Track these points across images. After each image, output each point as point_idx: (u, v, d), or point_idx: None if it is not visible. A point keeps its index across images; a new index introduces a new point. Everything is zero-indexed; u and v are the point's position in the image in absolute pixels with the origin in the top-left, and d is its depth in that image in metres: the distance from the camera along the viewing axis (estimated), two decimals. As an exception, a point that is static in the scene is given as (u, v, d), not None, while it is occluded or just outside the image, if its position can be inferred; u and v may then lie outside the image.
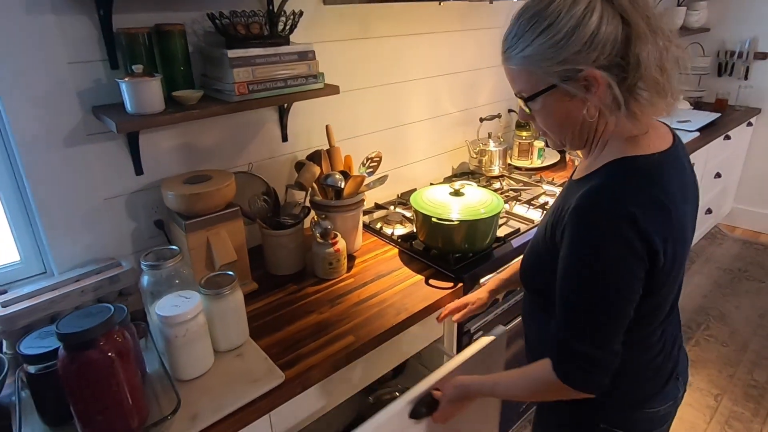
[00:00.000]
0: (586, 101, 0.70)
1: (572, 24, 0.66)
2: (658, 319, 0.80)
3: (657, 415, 0.86)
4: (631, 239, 0.67)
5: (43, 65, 0.99)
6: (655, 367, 0.83)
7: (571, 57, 0.67)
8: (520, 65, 0.73)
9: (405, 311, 1.13)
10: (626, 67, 0.67)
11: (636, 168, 0.71)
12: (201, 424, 0.83)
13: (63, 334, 0.71)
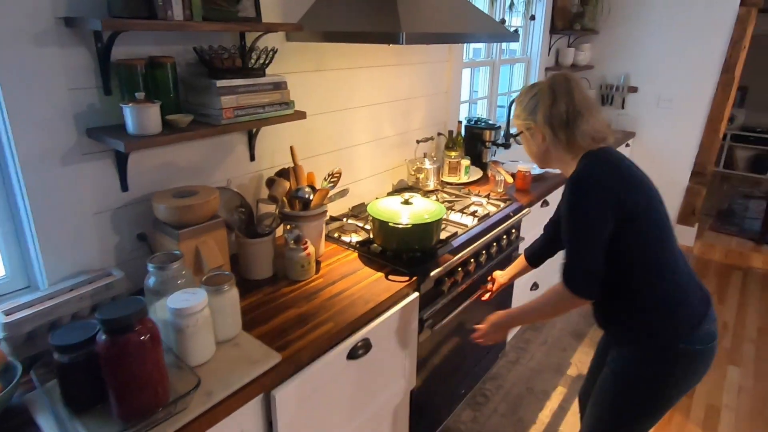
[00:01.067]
0: (535, 140, 1.25)
1: (527, 101, 1.24)
2: (670, 254, 1.15)
3: (713, 330, 1.17)
4: (602, 194, 1.10)
5: (47, 91, 1.09)
6: (695, 291, 1.17)
7: (527, 116, 1.24)
8: (514, 117, 1.31)
9: (372, 300, 1.34)
10: (556, 123, 1.20)
11: (593, 155, 1.18)
12: (216, 398, 0.97)
13: (106, 319, 0.84)
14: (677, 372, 1.16)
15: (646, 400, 1.20)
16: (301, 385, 1.14)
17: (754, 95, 5.72)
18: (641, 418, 1.24)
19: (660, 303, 1.15)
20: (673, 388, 1.18)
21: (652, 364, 1.17)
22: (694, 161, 3.51)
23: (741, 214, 4.61)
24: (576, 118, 1.17)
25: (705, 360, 1.17)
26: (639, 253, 1.14)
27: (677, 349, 1.14)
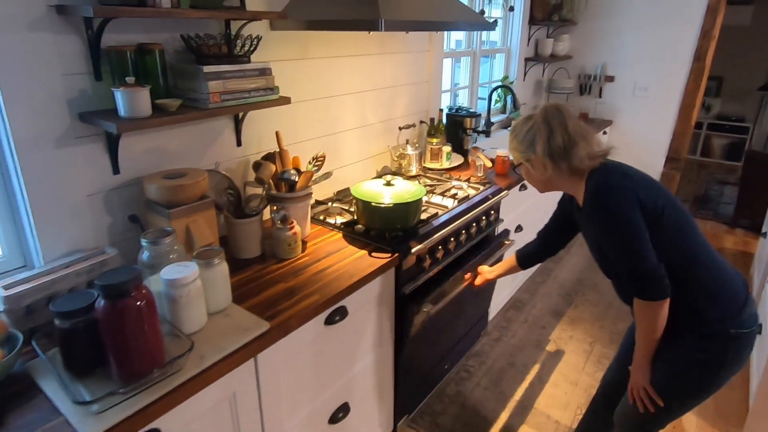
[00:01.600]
0: (536, 170, 1.30)
1: (522, 135, 1.29)
2: (700, 247, 1.21)
3: (754, 312, 1.22)
4: (621, 195, 1.16)
5: (41, 76, 1.14)
6: (736, 281, 1.23)
7: (525, 149, 1.29)
8: (510, 151, 1.36)
9: (357, 274, 1.42)
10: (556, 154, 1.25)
11: (601, 170, 1.24)
12: (208, 361, 1.04)
13: (105, 285, 0.90)
14: (729, 355, 1.20)
15: (701, 382, 1.24)
16: (281, 348, 1.21)
17: (729, 85, 5.90)
18: (694, 400, 1.28)
19: (703, 292, 1.20)
20: (725, 369, 1.22)
21: (707, 350, 1.21)
22: (669, 147, 3.63)
23: (716, 199, 4.77)
24: (573, 147, 1.23)
25: (751, 342, 1.23)
26: (672, 250, 1.17)
27: (728, 333, 1.18)
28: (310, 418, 1.39)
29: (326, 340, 1.37)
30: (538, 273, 3.15)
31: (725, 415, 2.02)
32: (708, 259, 1.22)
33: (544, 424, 1.95)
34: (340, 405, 1.49)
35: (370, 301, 1.51)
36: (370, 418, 1.69)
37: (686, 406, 1.30)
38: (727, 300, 1.20)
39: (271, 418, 1.24)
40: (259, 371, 1.17)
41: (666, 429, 1.88)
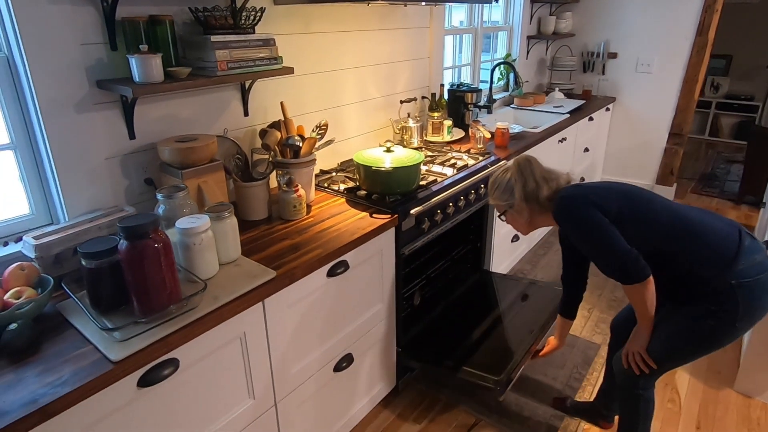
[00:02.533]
0: (521, 214, 1.47)
1: (503, 186, 1.47)
2: (669, 223, 1.31)
3: (757, 260, 1.27)
4: (578, 203, 1.34)
5: (61, 45, 1.24)
6: (716, 239, 1.28)
7: (507, 198, 1.46)
8: (493, 201, 1.52)
9: (358, 232, 1.51)
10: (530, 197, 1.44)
11: (559, 194, 1.41)
12: (221, 301, 1.14)
13: (126, 227, 1.00)
14: (741, 305, 1.26)
15: (714, 333, 1.31)
16: (286, 295, 1.31)
17: (738, 64, 5.84)
18: (705, 347, 1.35)
19: (691, 259, 1.28)
20: (739, 321, 1.28)
21: (715, 303, 1.28)
22: (672, 123, 3.65)
23: (723, 177, 4.76)
24: (540, 189, 1.43)
25: (762, 289, 1.27)
26: (643, 241, 1.29)
27: (729, 284, 1.25)
28: (316, 364, 1.49)
29: (329, 291, 1.47)
30: (540, 245, 3.21)
31: (717, 373, 2.09)
32: (685, 230, 1.30)
33: (541, 381, 2.03)
34: (344, 355, 1.59)
35: (371, 257, 1.60)
36: (373, 371, 1.78)
37: (696, 354, 1.39)
38: (716, 256, 1.28)
39: (278, 359, 1.34)
40: (267, 315, 1.27)
41: (659, 387, 1.96)
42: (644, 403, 1.50)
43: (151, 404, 1.05)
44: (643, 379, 1.45)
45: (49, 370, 0.94)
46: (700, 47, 3.41)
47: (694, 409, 1.90)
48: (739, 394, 1.97)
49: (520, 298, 2.17)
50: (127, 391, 0.99)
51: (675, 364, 1.45)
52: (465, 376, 1.68)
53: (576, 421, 1.84)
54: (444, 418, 1.87)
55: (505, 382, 1.64)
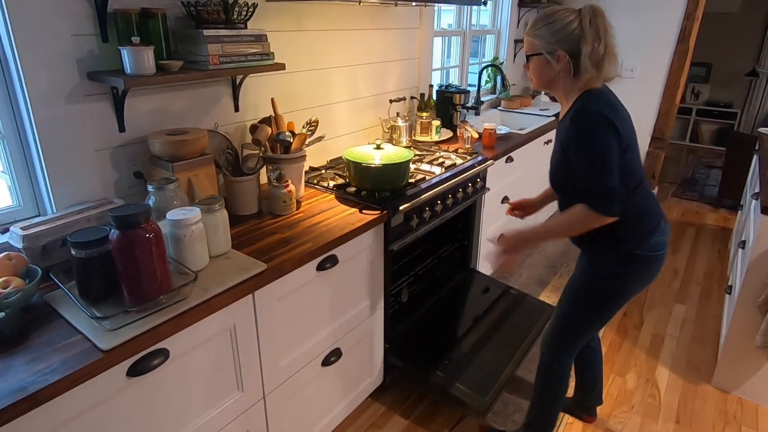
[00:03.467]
0: (554, 67, 1.29)
1: (560, 26, 1.26)
2: (639, 177, 1.34)
3: (663, 241, 1.38)
4: (605, 122, 1.23)
5: (52, 35, 1.23)
6: (652, 211, 1.37)
7: (555, 42, 1.26)
8: (531, 38, 1.32)
9: (348, 227, 1.52)
10: (578, 56, 1.26)
11: (593, 93, 1.29)
12: (211, 293, 1.14)
13: (118, 216, 1.00)
14: (635, 270, 1.38)
15: (609, 291, 1.43)
16: (276, 288, 1.32)
17: (718, 72, 6.00)
18: (603, 309, 1.46)
19: (625, 218, 1.31)
20: (632, 284, 1.41)
21: (616, 266, 1.39)
22: (654, 127, 3.74)
23: (702, 182, 4.89)
24: (607, 61, 1.26)
25: (655, 265, 1.40)
26: (621, 178, 1.29)
27: (635, 254, 1.36)
28: (304, 357, 1.50)
29: (318, 285, 1.48)
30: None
31: (696, 368, 2.15)
32: (640, 191, 1.35)
33: (524, 377, 2.07)
34: (332, 349, 1.61)
35: (360, 253, 1.62)
36: (361, 366, 1.80)
37: (598, 315, 1.48)
38: (643, 227, 1.36)
39: (267, 351, 1.35)
40: (257, 307, 1.28)
41: (640, 382, 2.01)
42: (557, 380, 1.56)
43: (141, 394, 1.05)
44: (565, 353, 1.53)
45: (38, 359, 0.93)
46: (681, 54, 3.51)
47: (674, 404, 1.95)
48: (716, 389, 2.03)
49: (505, 304, 2.21)
50: (117, 380, 0.99)
51: (578, 325, 1.50)
52: (453, 391, 1.71)
53: (560, 415, 1.87)
54: (431, 413, 1.89)
55: (489, 403, 1.69)
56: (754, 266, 1.82)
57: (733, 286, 2.21)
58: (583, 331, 1.53)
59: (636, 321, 2.48)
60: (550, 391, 1.60)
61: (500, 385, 1.76)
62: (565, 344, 1.53)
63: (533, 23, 1.31)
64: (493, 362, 1.86)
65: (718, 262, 3.10)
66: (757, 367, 1.92)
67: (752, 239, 1.90)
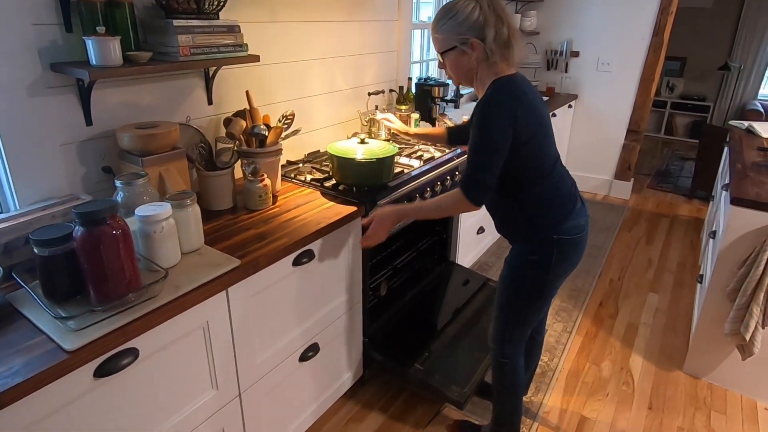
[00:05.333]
0: (471, 56, 1.29)
1: (463, 17, 1.26)
2: (549, 164, 1.36)
3: (580, 224, 1.40)
4: (504, 115, 1.24)
5: (11, 24, 1.18)
6: (565, 195, 1.39)
7: (465, 32, 1.27)
8: (439, 35, 1.32)
9: (324, 221, 1.51)
10: (501, 43, 1.27)
11: (502, 82, 1.30)
12: (182, 290, 1.12)
13: (82, 213, 0.97)
14: (554, 256, 1.38)
15: (533, 279, 1.43)
16: (250, 284, 1.30)
17: (692, 65, 6.12)
18: (532, 298, 1.46)
19: (538, 204, 1.37)
20: (552, 269, 1.40)
21: (536, 252, 1.40)
22: (629, 120, 3.80)
23: (676, 173, 4.99)
24: (515, 42, 1.29)
25: (575, 248, 1.41)
26: (523, 170, 1.33)
27: (552, 239, 1.37)
28: (281, 353, 1.48)
29: (295, 280, 1.47)
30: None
31: (668, 356, 2.20)
32: (551, 177, 1.37)
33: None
34: (310, 344, 1.59)
35: (337, 247, 1.61)
36: (339, 361, 1.79)
37: (531, 303, 1.47)
38: (555, 212, 1.38)
39: (242, 348, 1.33)
40: (231, 303, 1.26)
41: (615, 370, 2.05)
42: (510, 372, 1.56)
43: (110, 395, 1.03)
44: (509, 346, 1.54)
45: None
46: (656, 47, 3.56)
47: (647, 391, 2.00)
48: (688, 376, 2.08)
49: (484, 297, 2.23)
50: (84, 382, 0.97)
51: (514, 315, 1.50)
52: (432, 383, 1.72)
53: (537, 403, 1.90)
54: (409, 406, 1.90)
55: (468, 394, 1.70)
56: (723, 255, 1.87)
57: (704, 275, 2.27)
58: (521, 322, 1.52)
59: (611, 311, 2.53)
60: (505, 386, 1.60)
61: (479, 376, 1.78)
62: (508, 338, 1.53)
63: (436, 21, 1.32)
64: (472, 354, 1.87)
65: (691, 252, 3.18)
66: (726, 354, 1.98)
67: (722, 229, 1.95)
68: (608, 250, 3.17)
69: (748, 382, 1.97)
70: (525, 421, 1.83)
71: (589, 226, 1.48)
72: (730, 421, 1.86)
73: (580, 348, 2.23)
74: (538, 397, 1.94)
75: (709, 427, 1.83)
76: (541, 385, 2.00)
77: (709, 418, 1.87)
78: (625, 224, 3.59)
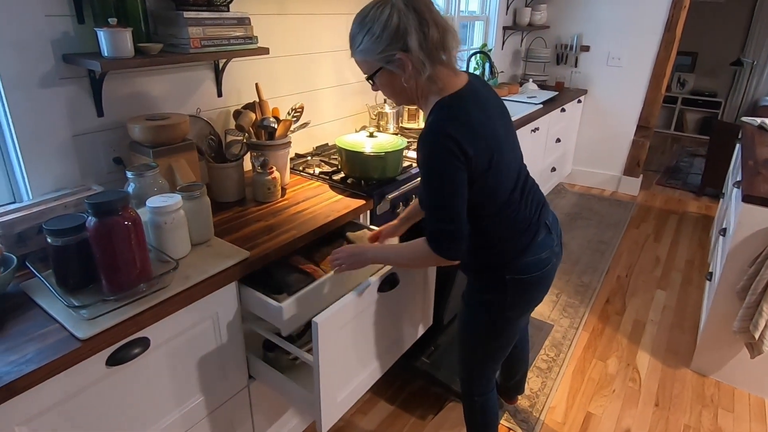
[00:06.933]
0: (402, 74, 1.04)
1: (380, 29, 1.01)
2: (504, 196, 1.14)
3: (540, 259, 1.20)
4: (451, 147, 1.00)
5: (25, 15, 1.19)
6: (521, 228, 1.18)
7: (386, 48, 1.01)
8: (359, 57, 1.09)
9: (333, 214, 1.51)
10: (432, 50, 1.03)
11: (445, 105, 1.06)
12: (193, 281, 1.13)
13: (95, 203, 0.98)
14: (508, 297, 1.22)
15: (489, 321, 1.29)
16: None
17: (703, 61, 6.04)
18: (490, 339, 1.32)
19: (488, 241, 1.18)
20: (508, 311, 1.25)
21: (488, 291, 1.24)
22: (639, 116, 3.77)
23: (686, 170, 4.95)
24: (451, 40, 1.05)
25: (534, 287, 1.23)
26: (476, 204, 1.11)
27: (504, 279, 1.20)
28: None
29: (304, 274, 1.47)
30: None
31: (676, 353, 2.19)
32: (506, 209, 1.16)
33: (510, 364, 2.09)
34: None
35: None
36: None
37: (491, 342, 1.33)
38: (506, 249, 1.19)
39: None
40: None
41: (621, 367, 2.04)
42: (480, 410, 1.45)
43: (122, 383, 1.04)
44: (475, 384, 1.42)
45: (12, 349, 0.92)
46: (668, 43, 3.52)
47: (653, 388, 1.99)
48: (695, 373, 2.07)
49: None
50: (96, 370, 0.98)
51: (476, 354, 1.38)
52: (438, 376, 1.72)
53: (542, 399, 1.91)
54: (416, 398, 1.91)
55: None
56: (733, 253, 1.86)
57: (713, 272, 2.26)
58: (484, 362, 1.38)
59: (618, 307, 2.52)
60: (476, 424, 1.48)
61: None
62: (476, 378, 1.41)
63: (351, 42, 1.09)
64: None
65: (699, 250, 3.16)
66: (734, 352, 1.97)
67: (733, 227, 1.94)
68: (616, 247, 3.15)
69: (757, 381, 1.96)
70: (531, 415, 1.83)
71: (560, 257, 1.29)
72: (737, 419, 1.86)
73: (587, 344, 2.23)
74: (544, 392, 1.94)
75: (716, 425, 1.83)
76: (547, 380, 2.00)
77: (716, 416, 1.87)
78: (633, 221, 3.57)
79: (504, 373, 1.81)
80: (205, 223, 1.30)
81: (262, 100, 1.73)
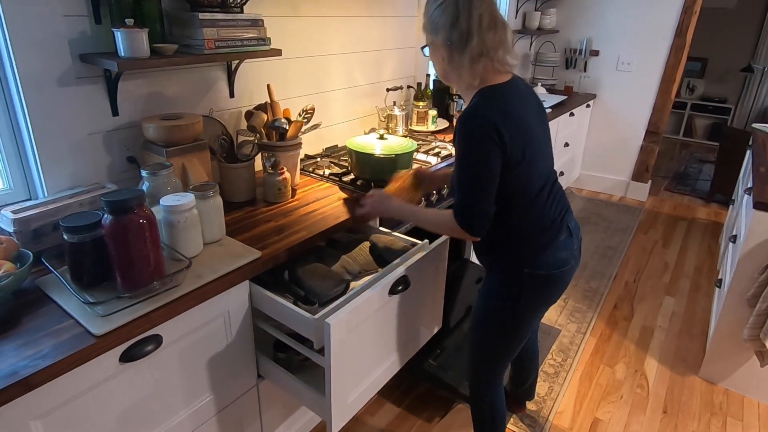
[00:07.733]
0: (445, 57, 1.20)
1: (437, 15, 1.18)
2: (533, 191, 1.21)
3: (560, 258, 1.25)
4: (487, 130, 1.10)
5: (43, 15, 1.20)
6: (545, 225, 1.24)
7: (433, 30, 1.19)
8: (423, 29, 1.24)
9: (343, 216, 1.52)
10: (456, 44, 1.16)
11: (486, 93, 1.17)
12: (205, 279, 1.14)
13: (111, 201, 0.99)
14: (524, 293, 1.26)
15: (505, 317, 1.31)
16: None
17: (713, 67, 6.01)
18: (503, 336, 1.34)
19: (513, 235, 1.23)
20: (525, 307, 1.29)
21: (506, 286, 1.28)
22: (648, 121, 3.75)
23: (695, 176, 4.92)
24: (496, 44, 1.16)
25: (551, 285, 1.27)
26: (506, 197, 1.18)
27: (523, 274, 1.24)
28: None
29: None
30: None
31: (684, 360, 2.18)
32: (534, 207, 1.22)
33: (517, 368, 2.09)
34: (325, 337, 1.61)
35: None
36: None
37: (505, 339, 1.35)
38: (529, 245, 1.24)
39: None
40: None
41: (629, 373, 2.03)
42: (489, 410, 1.47)
43: (134, 379, 1.05)
44: (483, 384, 1.44)
45: (29, 343, 0.93)
46: (678, 48, 3.51)
47: (661, 395, 1.98)
48: (704, 381, 2.06)
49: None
50: (110, 366, 0.99)
51: (488, 352, 1.40)
52: (445, 379, 1.72)
53: (549, 404, 1.90)
54: (423, 400, 1.91)
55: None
56: (744, 260, 1.84)
57: (722, 279, 2.24)
58: (495, 360, 1.40)
59: (626, 313, 2.51)
60: (486, 428, 1.50)
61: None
62: (485, 378, 1.43)
63: (424, 16, 1.23)
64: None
65: (708, 257, 3.14)
66: (744, 360, 1.95)
67: (743, 234, 1.92)
68: (624, 252, 3.14)
69: (766, 389, 1.94)
70: (538, 420, 1.83)
71: (578, 262, 1.33)
72: (746, 427, 1.84)
73: (594, 349, 2.22)
74: (551, 397, 1.94)
75: (725, 433, 1.82)
76: (554, 386, 1.99)
77: (725, 424, 1.85)
78: (642, 226, 3.55)
79: (514, 379, 1.80)
80: (218, 222, 1.31)
81: (273, 101, 1.74)
